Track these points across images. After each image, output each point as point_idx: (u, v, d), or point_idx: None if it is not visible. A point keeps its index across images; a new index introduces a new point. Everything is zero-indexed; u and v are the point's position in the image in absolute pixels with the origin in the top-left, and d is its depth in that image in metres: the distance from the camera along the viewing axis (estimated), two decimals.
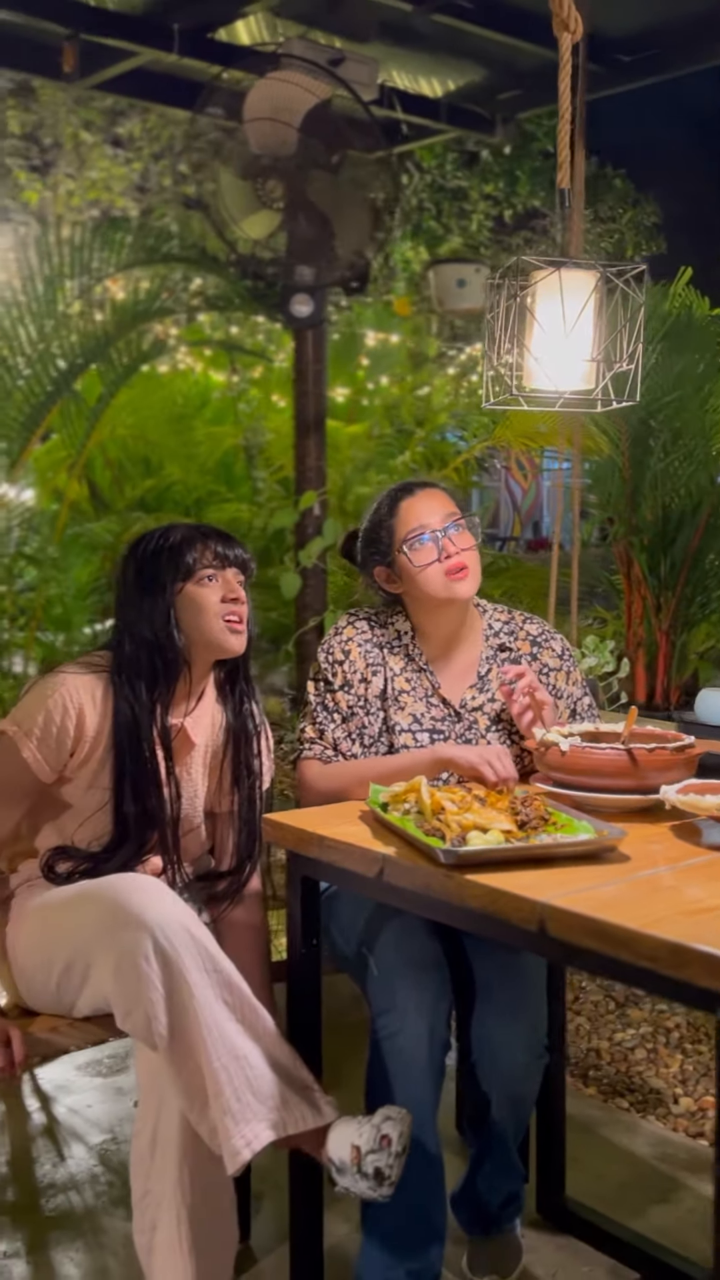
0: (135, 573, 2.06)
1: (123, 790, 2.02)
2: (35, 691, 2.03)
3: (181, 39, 3.64)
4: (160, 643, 2.03)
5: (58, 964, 1.93)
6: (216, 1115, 1.77)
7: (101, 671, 2.05)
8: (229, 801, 2.16)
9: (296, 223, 3.26)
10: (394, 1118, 1.83)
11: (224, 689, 2.16)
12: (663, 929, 1.42)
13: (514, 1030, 2.07)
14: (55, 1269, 2.28)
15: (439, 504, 2.26)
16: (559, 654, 2.38)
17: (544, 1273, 2.27)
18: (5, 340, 4.05)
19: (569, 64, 1.96)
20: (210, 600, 2.04)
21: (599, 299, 1.86)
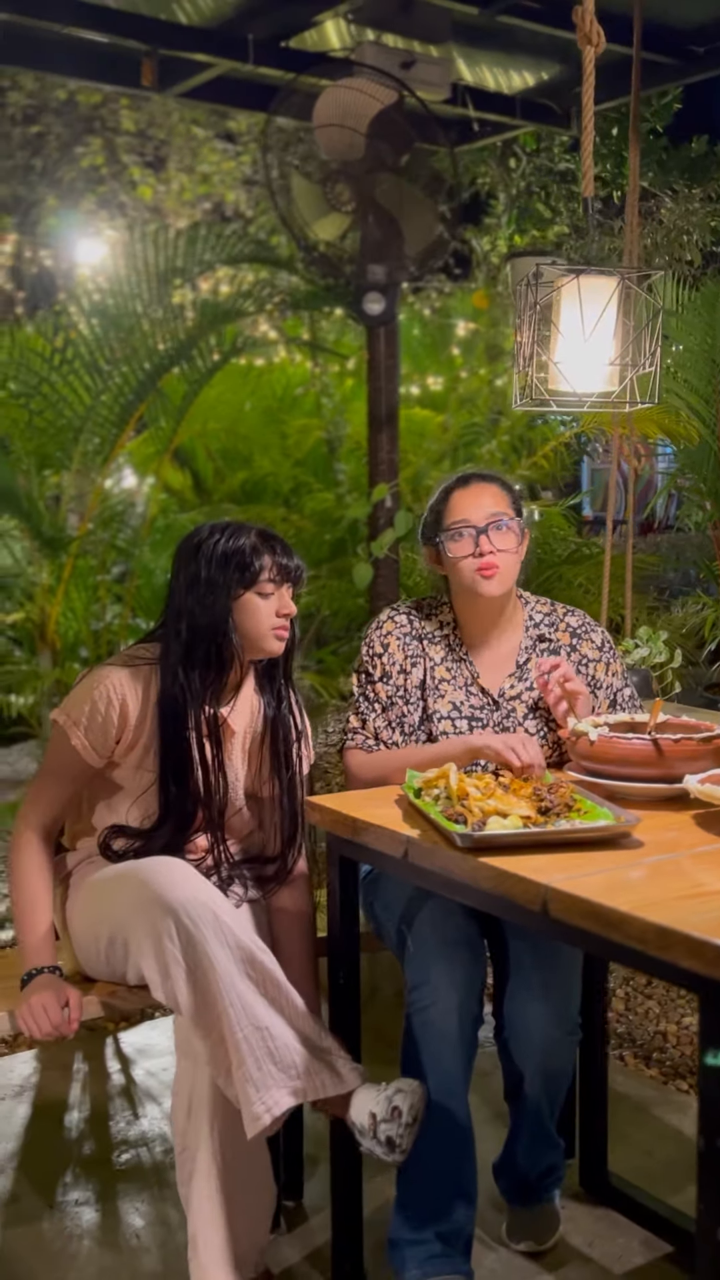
0: (202, 568, 2.17)
1: (167, 772, 2.16)
2: (83, 684, 2.18)
3: (256, 49, 3.76)
4: (217, 638, 2.15)
5: (103, 938, 2.09)
6: (239, 1082, 1.90)
7: (143, 664, 2.18)
8: (269, 788, 2.29)
9: (366, 224, 3.35)
10: (405, 1090, 1.94)
11: (263, 681, 2.28)
12: (652, 912, 1.50)
13: (544, 1007, 2.15)
14: (120, 1217, 2.45)
15: (488, 500, 2.34)
16: (598, 646, 2.45)
17: (580, 1242, 2.36)
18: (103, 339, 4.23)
19: (592, 76, 2.01)
20: (266, 611, 2.17)
21: (620, 304, 1.92)
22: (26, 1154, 2.69)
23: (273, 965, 2.01)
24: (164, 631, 2.19)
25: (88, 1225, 2.42)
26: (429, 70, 3.57)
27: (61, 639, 4.38)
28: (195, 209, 13.18)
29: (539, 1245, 2.31)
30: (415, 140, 3.39)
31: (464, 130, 4.52)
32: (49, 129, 12.09)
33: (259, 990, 1.96)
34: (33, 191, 12.19)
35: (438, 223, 3.49)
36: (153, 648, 2.21)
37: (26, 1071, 3.08)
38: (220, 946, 1.94)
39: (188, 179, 13.03)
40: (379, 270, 3.45)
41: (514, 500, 2.39)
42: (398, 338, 3.92)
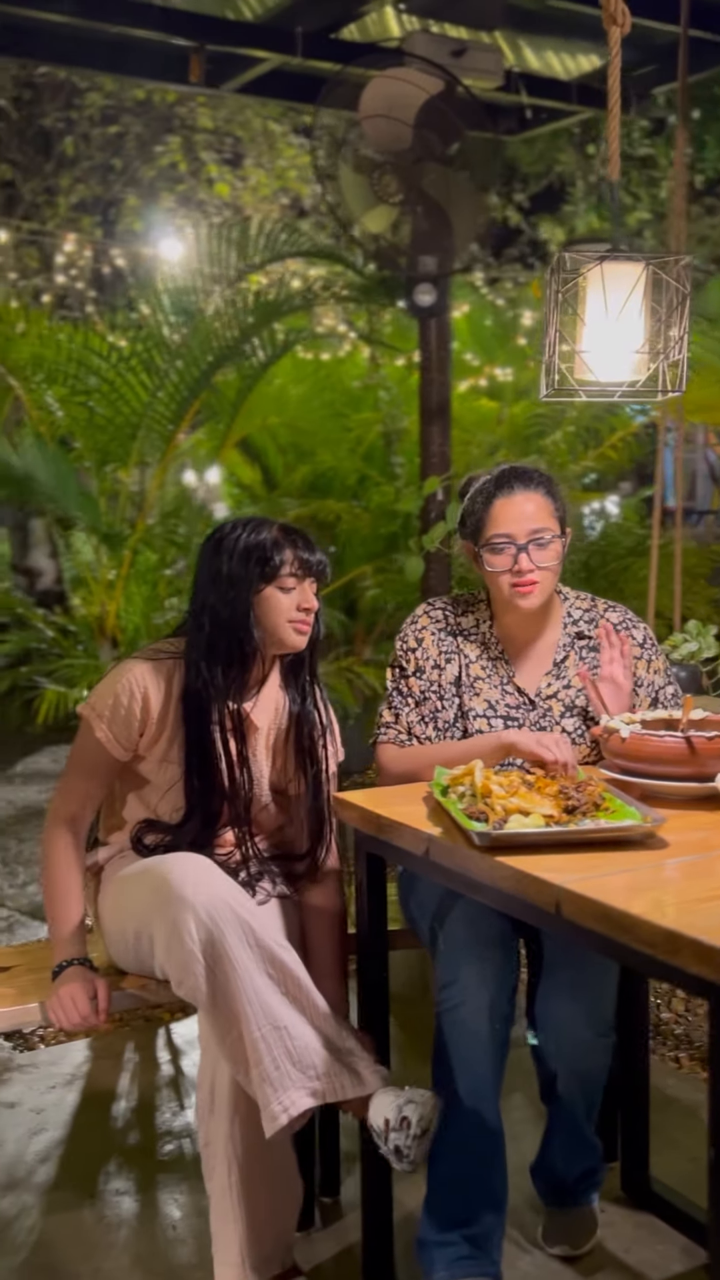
0: (224, 563, 2.18)
1: (191, 766, 2.17)
2: (108, 678, 2.20)
3: (305, 42, 3.75)
4: (239, 633, 2.15)
5: (129, 933, 2.11)
6: (256, 1082, 1.90)
7: (167, 658, 2.20)
8: (295, 785, 2.28)
9: (414, 215, 3.33)
10: (416, 1101, 1.93)
11: (288, 677, 2.28)
12: (662, 915, 1.46)
13: (576, 1008, 2.12)
14: (159, 1208, 2.47)
15: (532, 513, 2.26)
16: (640, 642, 2.40)
17: (618, 1247, 2.32)
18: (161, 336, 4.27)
19: (618, 57, 1.96)
20: (287, 606, 2.17)
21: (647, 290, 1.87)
22: (72, 1142, 2.73)
23: (294, 964, 2.00)
24: (188, 626, 2.20)
25: (126, 1214, 2.45)
26: (481, 58, 3.53)
27: (122, 632, 4.43)
28: (273, 204, 13.22)
29: (575, 1249, 2.27)
30: (463, 129, 3.35)
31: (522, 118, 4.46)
32: (128, 129, 12.23)
33: (279, 989, 1.96)
34: (110, 190, 12.33)
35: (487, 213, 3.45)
36: (177, 642, 2.22)
37: (78, 1060, 3.13)
38: (240, 944, 1.94)
39: (265, 175, 13.07)
40: (429, 261, 3.42)
41: (557, 507, 2.32)
42: (449, 329, 3.88)
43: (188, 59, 3.78)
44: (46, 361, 4.24)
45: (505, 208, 12.26)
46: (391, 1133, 1.92)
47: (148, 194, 12.65)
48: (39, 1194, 2.52)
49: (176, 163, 12.50)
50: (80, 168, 12.14)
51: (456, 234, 3.41)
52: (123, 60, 4.03)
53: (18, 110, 11.82)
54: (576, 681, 2.33)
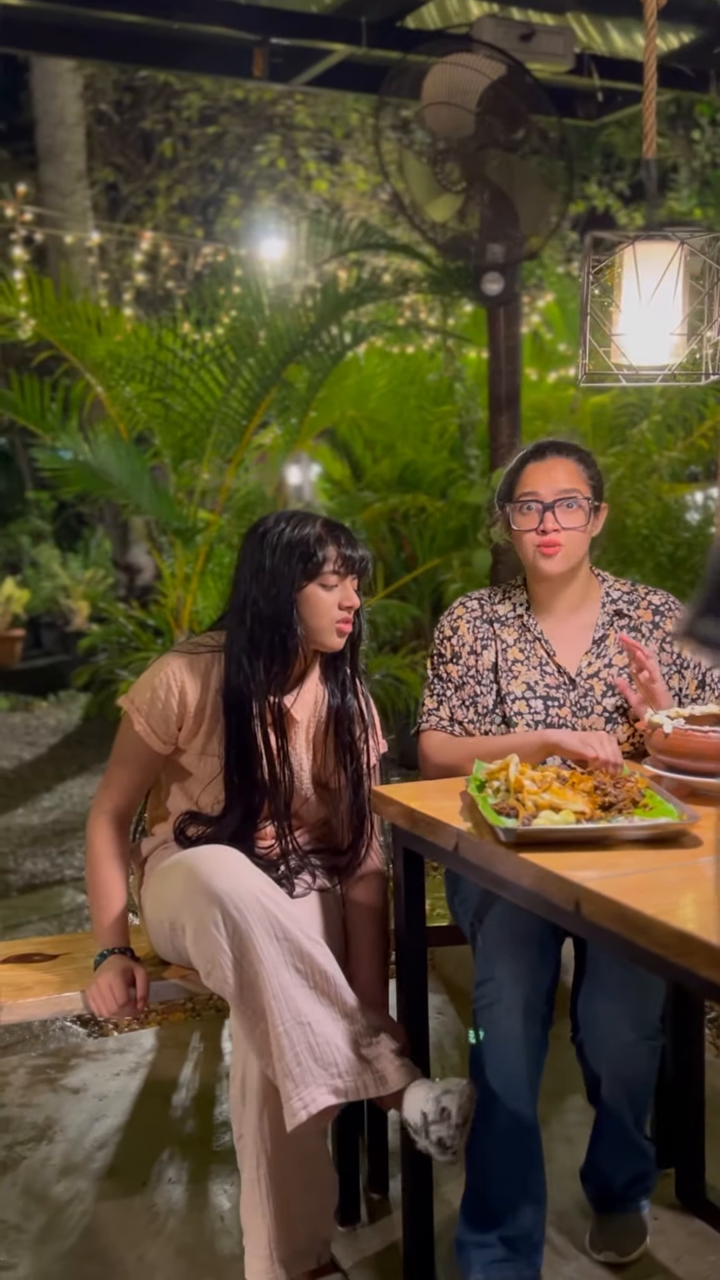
0: (266, 557, 2.17)
1: (231, 760, 2.17)
2: (147, 672, 2.22)
3: (370, 31, 3.72)
4: (281, 630, 2.15)
5: (166, 924, 2.12)
6: (279, 1076, 1.89)
7: (206, 652, 2.20)
8: (335, 779, 2.27)
9: (479, 203, 3.28)
10: (454, 1090, 1.90)
11: (328, 671, 2.27)
12: (678, 917, 1.41)
13: (619, 1009, 2.06)
14: (209, 1198, 2.48)
15: (561, 476, 2.28)
16: None
17: (668, 1256, 2.25)
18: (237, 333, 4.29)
19: (654, 29, 1.90)
20: (329, 604, 2.16)
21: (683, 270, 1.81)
22: (131, 1130, 2.76)
23: (324, 958, 1.99)
24: (229, 620, 2.20)
25: (176, 1204, 2.46)
26: (550, 41, 3.46)
27: (198, 626, 4.48)
28: (373, 200, 13.22)
29: (621, 1256, 2.22)
30: (527, 114, 3.30)
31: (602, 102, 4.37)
32: (227, 129, 12.35)
33: (307, 983, 1.95)
34: (208, 190, 12.47)
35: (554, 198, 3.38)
36: (217, 635, 2.22)
37: (146, 1049, 3.16)
38: (267, 938, 1.93)
39: (364, 171, 13.07)
40: (497, 250, 3.37)
41: (592, 476, 2.32)
42: (519, 318, 3.82)
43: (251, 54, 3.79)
44: (124, 359, 4.30)
45: (605, 195, 12.06)
46: (431, 1125, 1.90)
47: (248, 194, 12.77)
48: (93, 1180, 2.55)
49: (275, 161, 12.59)
50: (179, 169, 12.30)
51: (523, 221, 3.35)
52: (186, 57, 4.06)
53: (119, 114, 12.03)
54: (619, 660, 2.29)
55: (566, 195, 3.49)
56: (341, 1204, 2.35)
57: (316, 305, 4.13)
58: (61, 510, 12.00)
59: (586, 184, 12.04)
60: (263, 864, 2.15)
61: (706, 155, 12.32)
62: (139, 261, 8.14)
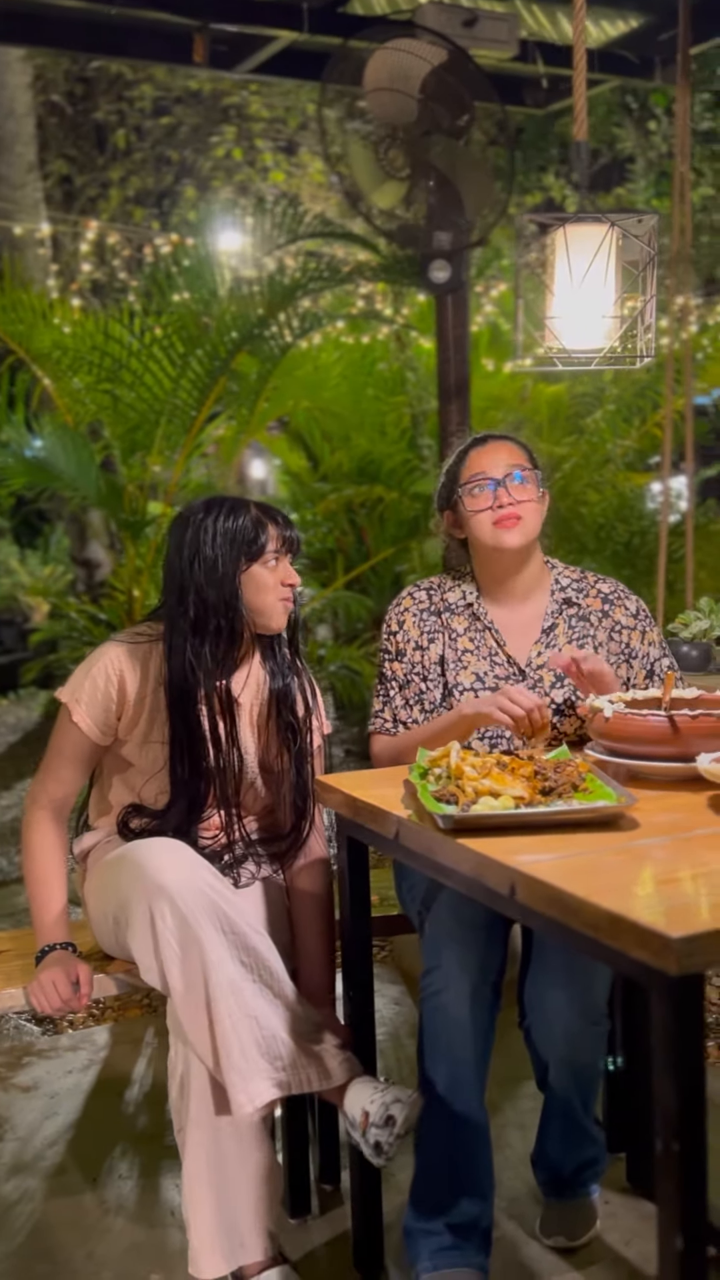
0: (205, 544, 2.14)
1: (176, 747, 2.15)
2: (85, 662, 2.20)
3: (311, 17, 3.69)
4: (229, 613, 2.14)
5: (110, 918, 2.10)
6: (225, 1070, 1.88)
7: (145, 641, 2.18)
8: (279, 761, 2.25)
9: (424, 190, 3.26)
10: (403, 1100, 1.90)
11: (268, 653, 2.25)
12: (611, 899, 1.41)
13: (566, 995, 2.06)
14: (159, 1193, 2.46)
15: (505, 455, 2.30)
16: (633, 613, 2.34)
17: (618, 1240, 2.26)
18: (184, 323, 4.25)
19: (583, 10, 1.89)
20: (272, 583, 2.16)
21: (615, 253, 1.80)
22: (82, 1127, 2.74)
23: (269, 951, 1.98)
24: (168, 609, 2.18)
25: (127, 1200, 2.44)
26: (494, 27, 3.45)
27: None
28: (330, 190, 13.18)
29: (571, 1241, 2.22)
30: (472, 101, 3.28)
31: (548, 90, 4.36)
32: (181, 120, 12.27)
33: (252, 976, 1.94)
34: (163, 182, 12.38)
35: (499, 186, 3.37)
36: (155, 625, 2.20)
37: (99, 1045, 3.14)
38: (215, 931, 1.92)
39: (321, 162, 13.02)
40: (443, 237, 3.36)
41: (530, 456, 2.34)
42: (467, 306, 3.81)
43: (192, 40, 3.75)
44: (70, 349, 4.25)
45: (562, 186, 12.07)
46: (373, 1127, 1.89)
47: (203, 185, 12.69)
48: (43, 1178, 2.53)
49: (231, 152, 12.52)
50: (134, 160, 12.21)
51: (469, 208, 3.34)
52: (128, 43, 4.01)
53: (71, 105, 11.92)
54: (568, 651, 2.28)
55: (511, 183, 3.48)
56: (292, 1196, 2.34)
57: (264, 295, 4.10)
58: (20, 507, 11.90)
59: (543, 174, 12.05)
60: (207, 854, 2.14)
61: (663, 146, 12.36)
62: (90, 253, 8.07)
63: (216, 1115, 1.94)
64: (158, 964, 1.93)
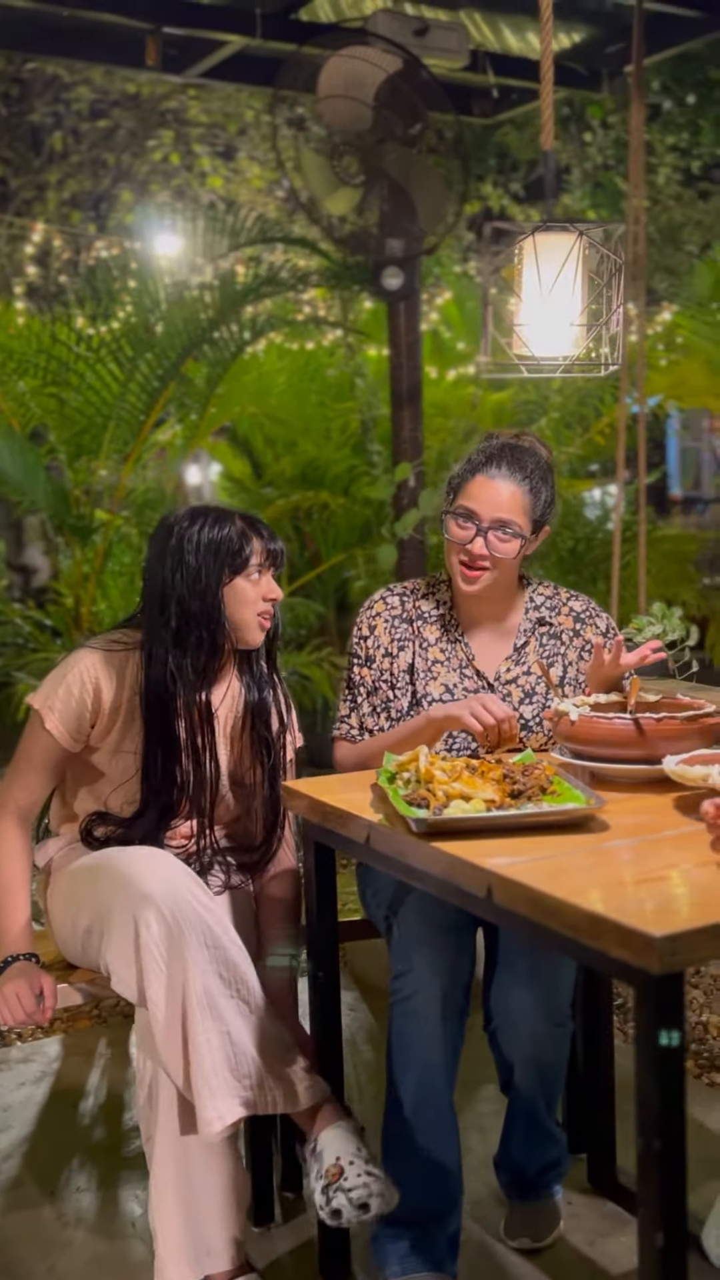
0: (188, 555, 2.12)
1: (151, 758, 2.13)
2: (58, 668, 2.17)
3: (265, 23, 3.69)
4: (211, 625, 2.12)
5: (81, 926, 2.07)
6: (196, 1084, 1.87)
7: (121, 649, 2.15)
8: (252, 774, 2.24)
9: (378, 197, 3.28)
10: (385, 1197, 1.90)
11: (244, 666, 2.24)
12: (589, 899, 1.42)
13: (532, 997, 2.07)
14: (119, 1205, 2.43)
15: (504, 501, 2.20)
16: (603, 631, 2.36)
17: (581, 1240, 2.28)
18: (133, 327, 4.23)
19: (549, 22, 1.91)
20: (254, 597, 2.14)
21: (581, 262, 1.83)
22: (37, 1140, 2.70)
23: (246, 967, 1.98)
24: (148, 618, 2.16)
25: (86, 1212, 2.41)
26: (444, 37, 3.47)
27: (98, 625, 4.40)
28: (268, 197, 13.17)
29: (536, 1242, 2.23)
30: (425, 110, 3.30)
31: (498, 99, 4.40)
32: (119, 123, 12.19)
33: (229, 991, 1.93)
34: (100, 185, 12.29)
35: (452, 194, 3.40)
36: (131, 633, 2.18)
37: (51, 1057, 3.10)
38: (198, 944, 1.91)
39: (259, 167, 13.02)
40: (396, 244, 3.37)
41: (535, 505, 2.24)
42: (418, 313, 3.83)
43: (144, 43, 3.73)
44: (16, 353, 4.20)
45: (501, 196, 12.19)
46: (341, 1193, 1.89)
47: (141, 189, 12.62)
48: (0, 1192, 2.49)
49: (169, 156, 12.46)
50: (70, 163, 12.10)
51: (421, 216, 3.36)
52: (79, 45, 3.98)
53: (6, 106, 11.79)
54: (536, 669, 2.29)
55: (463, 192, 3.51)
56: (255, 1204, 2.32)
57: (214, 300, 4.08)
58: None
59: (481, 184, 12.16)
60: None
61: (598, 157, 12.53)
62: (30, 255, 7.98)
63: (185, 1123, 1.92)
64: (136, 974, 1.91)
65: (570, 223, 1.79)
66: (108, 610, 4.34)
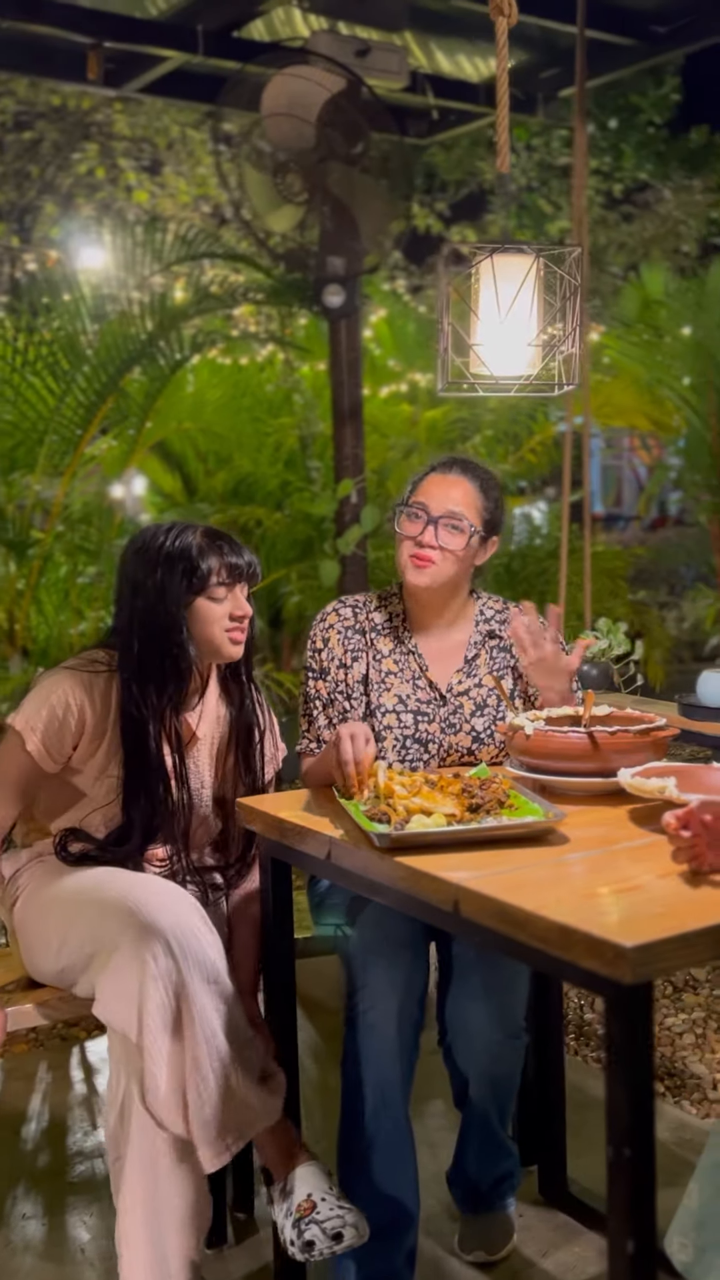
0: (147, 574, 2.09)
1: (133, 786, 2.10)
2: (39, 689, 2.12)
3: (207, 40, 3.70)
4: (172, 649, 2.08)
5: (69, 946, 2.02)
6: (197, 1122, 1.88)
7: (104, 670, 2.12)
8: (236, 792, 2.23)
9: (320, 215, 3.30)
10: (358, 1227, 1.91)
11: (226, 683, 2.23)
12: (557, 911, 1.43)
13: (486, 1010, 2.09)
14: (68, 1231, 2.39)
15: (456, 495, 2.23)
16: None
17: (534, 1251, 2.29)
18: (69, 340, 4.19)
19: (505, 49, 1.95)
20: (219, 616, 2.10)
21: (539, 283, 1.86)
22: None
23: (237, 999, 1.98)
24: (118, 641, 2.13)
25: (33, 1239, 2.37)
26: (385, 58, 3.51)
27: (32, 643, 4.34)
28: (193, 212, 13.15)
29: (491, 1255, 2.24)
30: (368, 129, 3.33)
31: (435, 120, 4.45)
32: (43, 135, 12.09)
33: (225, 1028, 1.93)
34: (24, 197, 12.17)
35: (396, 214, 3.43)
36: (111, 655, 2.14)
37: None
38: (201, 980, 1.91)
39: (184, 183, 13.00)
40: (337, 262, 3.39)
41: (486, 507, 2.27)
42: (359, 331, 3.86)
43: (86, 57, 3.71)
44: None
45: (426, 215, 12.32)
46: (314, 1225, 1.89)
47: (65, 201, 12.52)
48: None
49: (94, 170, 12.38)
50: None
51: (363, 234, 3.38)
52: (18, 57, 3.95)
53: None
54: (488, 682, 2.31)
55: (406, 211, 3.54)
56: None
57: (154, 314, 4.07)
58: None
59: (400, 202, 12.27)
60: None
61: (522, 179, 12.72)
62: None
63: (158, 1147, 1.90)
64: (137, 1005, 1.87)
65: (527, 245, 1.82)
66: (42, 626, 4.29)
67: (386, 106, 3.53)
